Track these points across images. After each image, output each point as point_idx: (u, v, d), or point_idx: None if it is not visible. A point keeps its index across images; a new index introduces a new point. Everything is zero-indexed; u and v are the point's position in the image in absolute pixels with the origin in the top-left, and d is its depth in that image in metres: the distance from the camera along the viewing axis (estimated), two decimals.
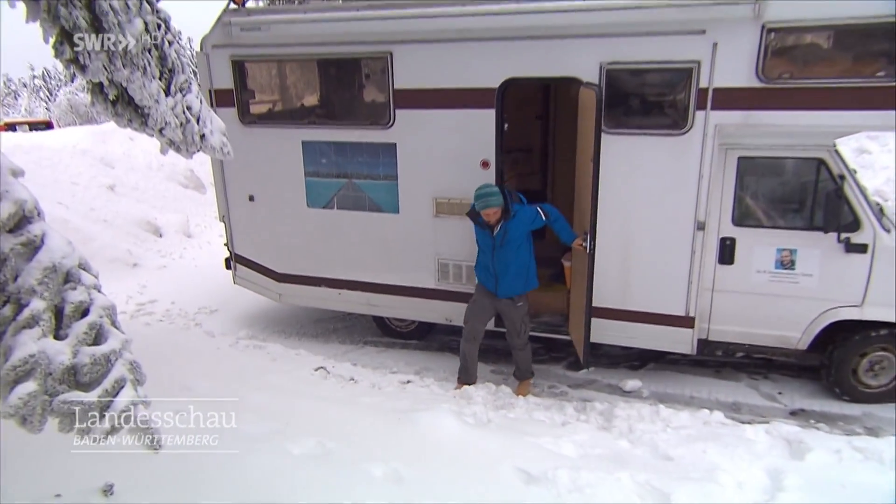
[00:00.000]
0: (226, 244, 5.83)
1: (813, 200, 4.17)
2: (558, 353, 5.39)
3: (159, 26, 3.12)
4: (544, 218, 4.33)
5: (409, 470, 2.96)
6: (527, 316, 4.52)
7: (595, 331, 4.49)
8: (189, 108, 3.38)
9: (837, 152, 4.06)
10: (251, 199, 5.47)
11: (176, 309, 6.65)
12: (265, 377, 4.44)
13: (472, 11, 4.26)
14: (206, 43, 5.08)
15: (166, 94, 3.24)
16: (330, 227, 5.30)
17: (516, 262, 4.31)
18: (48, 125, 22.37)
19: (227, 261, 5.89)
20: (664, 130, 4.19)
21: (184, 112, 3.35)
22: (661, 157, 4.21)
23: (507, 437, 3.57)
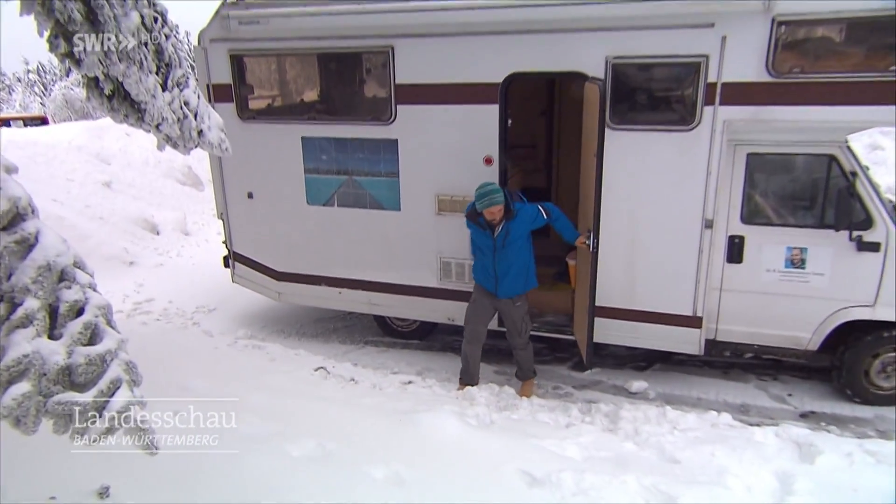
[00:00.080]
0: (224, 242, 5.78)
1: (824, 198, 4.11)
2: (563, 354, 5.34)
3: (156, 20, 3.07)
4: (546, 216, 4.28)
5: (410, 472, 2.92)
6: (527, 315, 4.47)
7: (600, 331, 4.45)
8: (186, 104, 3.33)
9: (849, 148, 4.01)
10: (250, 196, 5.41)
11: (173, 308, 6.59)
12: (264, 377, 4.39)
13: (476, 4, 4.21)
14: (204, 37, 5.01)
15: (163, 88, 3.19)
16: (330, 225, 5.24)
17: (518, 262, 4.26)
18: (43, 120, 22.13)
19: (226, 259, 5.83)
20: (671, 126, 4.13)
21: (181, 107, 3.30)
22: (669, 153, 4.15)
23: (511, 439, 3.52)
